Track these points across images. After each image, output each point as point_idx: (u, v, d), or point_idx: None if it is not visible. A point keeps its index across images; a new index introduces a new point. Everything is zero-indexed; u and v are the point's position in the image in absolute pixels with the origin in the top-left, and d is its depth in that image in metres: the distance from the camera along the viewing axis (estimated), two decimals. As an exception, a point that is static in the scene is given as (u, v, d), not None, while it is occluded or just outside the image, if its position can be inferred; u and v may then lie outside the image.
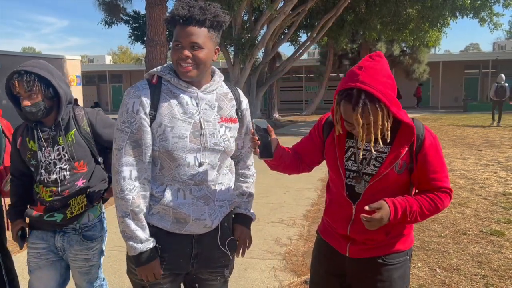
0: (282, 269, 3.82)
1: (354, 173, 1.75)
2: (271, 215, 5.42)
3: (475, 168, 8.06)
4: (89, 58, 40.27)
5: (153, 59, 10.64)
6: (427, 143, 1.68)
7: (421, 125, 1.72)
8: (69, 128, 2.24)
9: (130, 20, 19.97)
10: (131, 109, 1.70)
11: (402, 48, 26.57)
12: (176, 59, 1.70)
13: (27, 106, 2.11)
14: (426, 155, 1.67)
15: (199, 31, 1.67)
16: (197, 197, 1.77)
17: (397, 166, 1.67)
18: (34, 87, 2.09)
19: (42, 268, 2.29)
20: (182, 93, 1.75)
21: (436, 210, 1.69)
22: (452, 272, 3.63)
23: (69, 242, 2.27)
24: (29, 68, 2.10)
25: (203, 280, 1.90)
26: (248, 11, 18.06)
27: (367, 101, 1.55)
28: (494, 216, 5.12)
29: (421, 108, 28.73)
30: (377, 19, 18.50)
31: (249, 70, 16.46)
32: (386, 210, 1.60)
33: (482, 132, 14.00)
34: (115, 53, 67.07)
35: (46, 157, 2.20)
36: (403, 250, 1.79)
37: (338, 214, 1.82)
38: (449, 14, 17.97)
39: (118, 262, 4.02)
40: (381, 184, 1.69)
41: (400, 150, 1.67)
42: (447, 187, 1.71)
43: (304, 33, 21.93)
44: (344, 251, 1.83)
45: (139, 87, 1.74)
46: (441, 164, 1.71)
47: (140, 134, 1.70)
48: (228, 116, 1.84)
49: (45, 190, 2.21)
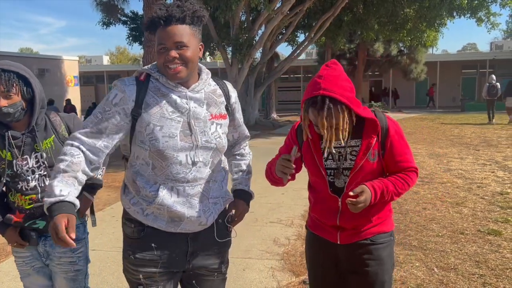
0: (280, 269, 3.82)
1: (334, 170, 1.92)
2: (269, 215, 5.43)
3: (472, 168, 8.08)
4: (87, 58, 40.15)
5: (150, 59, 10.62)
6: (391, 131, 1.89)
7: (383, 116, 1.92)
8: (47, 134, 2.12)
9: (128, 20, 19.97)
10: (111, 100, 1.71)
11: (400, 48, 26.60)
12: (163, 62, 1.68)
13: (4, 107, 1.96)
14: (392, 141, 1.89)
15: (181, 29, 1.67)
16: (191, 195, 1.77)
17: (370, 155, 1.87)
18: (13, 86, 1.96)
19: (31, 275, 2.24)
20: (171, 92, 1.75)
21: (407, 187, 1.91)
22: (449, 272, 3.64)
23: (51, 245, 2.17)
24: (7, 66, 1.97)
25: (201, 276, 1.90)
26: (246, 11, 18.06)
27: (331, 105, 1.73)
28: (491, 216, 5.14)
29: (419, 108, 28.78)
30: (375, 19, 18.53)
31: (247, 70, 16.46)
32: (368, 193, 1.80)
33: (480, 131, 14.03)
34: (113, 53, 66.99)
35: (23, 166, 2.06)
36: (387, 231, 1.99)
37: (326, 210, 1.97)
38: (446, 14, 18.02)
39: (116, 263, 4.02)
40: (359, 175, 1.88)
41: (370, 141, 1.86)
42: (413, 166, 1.94)
43: (302, 33, 21.95)
44: (335, 239, 1.98)
45: (126, 82, 1.74)
46: (406, 147, 1.93)
47: (107, 124, 1.70)
48: (218, 113, 1.84)
49: (23, 198, 2.10)
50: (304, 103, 1.80)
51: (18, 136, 2.06)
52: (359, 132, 1.88)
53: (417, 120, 19.40)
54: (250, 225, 4.99)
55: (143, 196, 1.77)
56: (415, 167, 1.94)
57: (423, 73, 27.36)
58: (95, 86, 36.11)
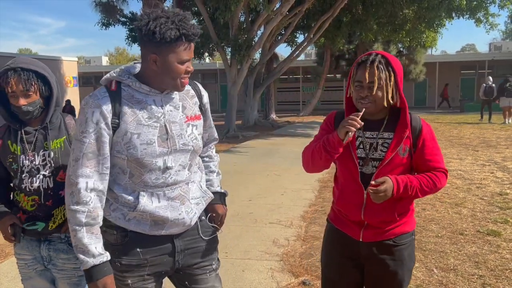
0: (279, 270, 3.81)
1: (363, 160, 1.96)
2: (268, 216, 5.42)
3: (471, 169, 8.09)
4: (86, 59, 40.16)
5: (150, 60, 10.63)
6: (424, 130, 1.94)
7: (418, 117, 1.98)
8: (59, 134, 2.14)
9: (127, 21, 19.94)
10: (90, 119, 1.65)
11: (399, 48, 26.63)
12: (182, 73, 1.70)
13: (24, 106, 1.99)
14: (424, 140, 1.93)
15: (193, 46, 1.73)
16: (171, 198, 1.77)
17: (401, 149, 1.91)
18: (32, 85, 1.99)
19: (33, 278, 2.22)
20: (145, 97, 1.73)
21: (434, 187, 1.92)
22: (449, 272, 3.64)
23: (55, 251, 2.17)
24: (25, 65, 1.99)
25: (193, 275, 1.90)
26: (245, 12, 18.05)
27: (382, 60, 1.85)
28: (491, 216, 5.14)
29: (418, 108, 28.79)
30: (374, 20, 18.52)
31: (246, 71, 16.44)
32: (390, 184, 1.82)
33: (479, 132, 14.04)
34: (112, 54, 66.96)
35: (30, 162, 2.08)
36: (409, 231, 2.02)
37: (351, 202, 1.99)
38: (445, 15, 18.03)
39: (116, 264, 4.01)
40: (388, 167, 1.91)
41: (402, 135, 1.90)
42: (442, 167, 1.95)
43: (301, 34, 21.95)
44: (357, 236, 2.00)
45: (98, 95, 1.69)
46: (436, 148, 1.97)
47: (98, 145, 1.66)
48: (193, 114, 1.84)
49: (26, 199, 2.10)
50: (355, 65, 1.90)
51: (31, 132, 2.09)
52: (393, 125, 1.94)
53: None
54: (249, 226, 4.99)
55: (122, 203, 1.75)
56: (444, 169, 1.96)
57: (422, 73, 27.38)
58: (94, 87, 36.07)
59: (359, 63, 1.91)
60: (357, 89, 1.89)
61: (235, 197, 5.85)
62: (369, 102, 1.87)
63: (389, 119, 1.96)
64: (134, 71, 1.78)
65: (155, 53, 1.65)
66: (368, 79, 1.84)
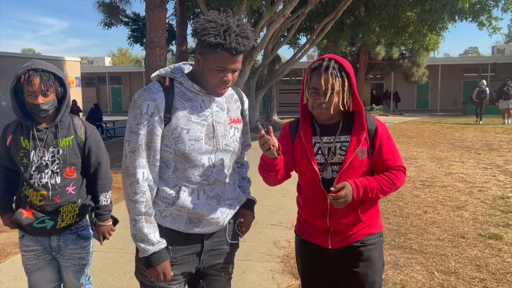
0: (280, 272, 3.81)
1: (322, 165, 1.95)
2: (269, 217, 5.42)
3: (473, 172, 8.07)
4: (89, 59, 40.25)
5: (152, 61, 10.62)
6: (379, 130, 1.96)
7: (372, 117, 1.99)
8: (68, 133, 2.28)
9: (130, 22, 19.99)
10: (145, 111, 1.70)
11: (402, 51, 26.63)
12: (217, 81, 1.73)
13: (42, 104, 2.15)
14: (381, 140, 1.94)
15: (241, 57, 1.76)
16: (210, 197, 1.82)
17: (359, 151, 1.91)
18: (51, 86, 2.16)
19: (42, 268, 2.34)
20: (195, 96, 1.79)
21: (393, 186, 1.92)
22: (450, 276, 3.63)
23: (65, 242, 2.32)
24: (45, 67, 2.16)
25: (209, 275, 1.94)
26: (248, 14, 18.08)
27: (336, 66, 1.86)
28: (492, 220, 5.13)
29: (420, 111, 28.76)
30: (377, 22, 18.52)
31: (249, 73, 16.46)
32: (349, 189, 1.82)
33: (481, 135, 14.01)
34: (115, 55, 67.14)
35: (40, 157, 2.21)
36: (376, 232, 2.02)
37: (315, 209, 1.98)
38: (448, 18, 18.02)
39: (116, 264, 4.02)
40: (348, 170, 1.91)
41: (359, 137, 1.91)
42: (400, 165, 1.96)
43: (303, 35, 21.95)
44: (326, 244, 1.99)
45: (153, 89, 1.74)
46: (393, 146, 1.98)
47: (151, 137, 1.71)
48: (236, 117, 1.91)
49: (35, 194, 2.22)
50: (310, 69, 1.91)
51: (42, 129, 2.23)
52: (349, 128, 1.95)
53: (418, 124, 19.38)
54: (250, 227, 4.98)
55: (161, 197, 1.79)
56: (402, 166, 1.97)
57: (424, 76, 27.36)
58: (97, 88, 36.16)
59: (312, 69, 1.91)
60: (313, 96, 1.89)
61: (236, 199, 5.87)
62: (324, 109, 1.88)
63: (344, 122, 1.96)
64: (185, 70, 1.84)
65: (200, 54, 1.72)
66: (324, 86, 1.84)
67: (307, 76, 1.92)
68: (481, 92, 18.24)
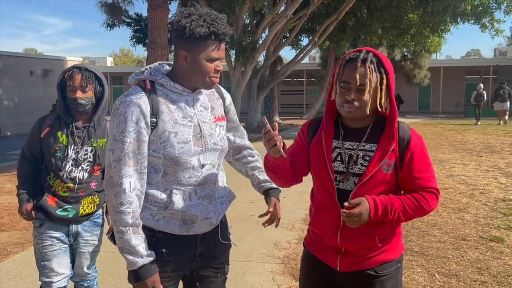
0: (280, 273, 3.80)
1: (341, 174, 1.72)
2: (270, 218, 5.41)
3: (475, 174, 8.05)
4: (91, 59, 40.29)
5: (154, 61, 10.59)
6: (413, 142, 1.68)
7: (406, 126, 1.73)
8: (103, 135, 2.48)
9: (132, 22, 20.02)
10: (130, 118, 1.64)
11: (403, 53, 26.61)
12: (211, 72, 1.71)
13: (79, 98, 2.33)
14: (413, 154, 1.68)
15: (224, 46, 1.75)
16: (202, 197, 1.80)
17: (385, 164, 1.66)
18: (89, 83, 2.35)
19: (58, 256, 2.46)
20: (178, 97, 1.75)
21: (420, 210, 1.67)
22: (451, 278, 3.62)
23: (83, 227, 2.52)
24: (88, 67, 2.38)
25: (204, 277, 1.92)
26: (250, 15, 18.09)
27: (374, 60, 1.62)
28: (494, 222, 5.11)
29: (422, 113, 28.73)
30: (379, 23, 18.53)
31: (250, 74, 16.47)
32: (366, 206, 1.59)
33: (483, 138, 13.99)
34: (117, 55, 67.16)
35: (75, 153, 2.38)
36: (394, 259, 1.77)
37: (326, 222, 1.76)
38: (450, 20, 18.02)
39: (117, 264, 4.01)
40: (369, 184, 1.67)
41: (387, 148, 1.66)
42: (433, 186, 1.69)
43: (305, 37, 21.95)
44: (334, 264, 1.77)
45: (135, 94, 1.68)
46: (427, 164, 1.70)
47: (138, 144, 1.66)
48: (220, 115, 1.89)
49: (62, 185, 2.39)
50: (343, 60, 1.66)
51: (80, 128, 2.42)
52: (377, 135, 1.69)
53: (420, 126, 19.36)
54: (251, 228, 4.98)
55: (152, 202, 1.75)
56: (435, 188, 1.69)
57: (426, 78, 27.34)
58: (99, 87, 36.18)
59: (347, 60, 1.65)
60: (343, 91, 1.65)
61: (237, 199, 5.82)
62: (355, 107, 1.63)
63: (373, 128, 1.71)
64: (163, 70, 1.80)
65: (185, 50, 1.68)
66: (358, 80, 1.59)
67: (339, 68, 1.66)
68: (479, 95, 19.53)
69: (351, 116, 1.66)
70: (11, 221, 5.49)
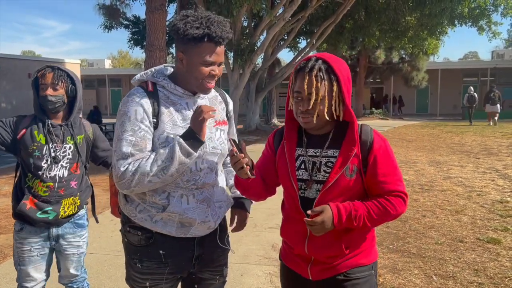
0: (278, 275, 3.80)
1: (305, 182, 1.69)
2: (268, 220, 5.42)
3: (472, 176, 8.07)
4: (89, 62, 40.30)
5: (152, 63, 10.64)
6: (376, 145, 1.64)
7: (369, 129, 1.68)
8: (79, 132, 2.50)
9: (130, 24, 20.04)
10: (134, 118, 1.66)
11: (401, 55, 26.69)
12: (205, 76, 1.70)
13: (49, 95, 2.32)
14: (376, 157, 1.63)
15: (224, 49, 1.73)
16: (199, 201, 1.79)
17: (348, 170, 1.62)
18: (61, 81, 2.35)
19: (35, 262, 2.45)
20: (179, 99, 1.76)
21: (386, 215, 1.62)
22: (448, 280, 3.63)
23: (64, 230, 2.48)
24: (61, 67, 2.40)
25: (203, 279, 1.92)
26: (248, 17, 18.12)
27: (323, 67, 1.58)
28: (491, 224, 5.12)
29: (420, 115, 28.79)
30: (376, 26, 18.58)
31: (248, 76, 16.48)
32: (329, 213, 1.56)
33: (480, 140, 14.02)
34: (115, 57, 67.21)
35: (53, 152, 2.37)
36: (366, 264, 1.72)
37: (294, 231, 1.74)
38: (447, 22, 18.09)
39: (114, 266, 4.01)
40: (333, 191, 1.63)
41: (349, 153, 1.62)
42: (399, 190, 1.64)
43: (303, 39, 22.00)
44: (306, 274, 1.75)
45: (137, 94, 1.71)
46: (392, 167, 1.65)
47: (144, 143, 1.67)
48: (221, 119, 1.89)
49: (41, 185, 2.36)
50: (294, 72, 1.64)
51: (56, 126, 2.41)
52: (339, 141, 1.66)
53: (418, 128, 19.39)
54: (248, 231, 4.98)
55: (151, 203, 1.76)
56: (402, 192, 1.64)
57: (424, 80, 27.41)
58: (97, 90, 36.17)
59: (297, 70, 1.63)
60: (296, 101, 1.63)
61: (235, 201, 5.86)
62: (310, 116, 1.60)
63: (335, 133, 1.68)
64: (167, 73, 1.80)
65: (182, 52, 1.69)
66: (306, 90, 1.57)
67: (292, 78, 1.65)
68: (471, 97, 20.71)
69: (307, 126, 1.64)
70: (8, 223, 5.48)
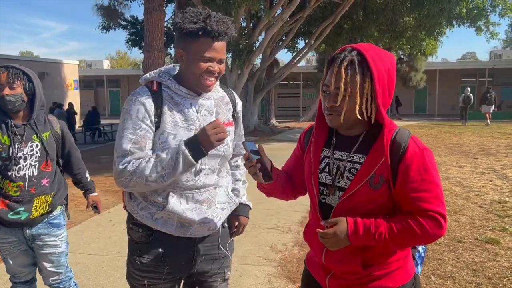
0: (277, 276, 3.80)
1: (327, 187, 1.51)
2: (266, 221, 5.41)
3: (471, 176, 8.08)
4: (87, 62, 40.26)
5: (150, 64, 10.63)
6: (409, 153, 1.38)
7: (406, 133, 1.44)
8: (45, 129, 2.45)
9: (128, 25, 20.03)
10: (136, 116, 1.67)
11: (400, 56, 26.71)
12: (203, 71, 1.68)
13: (7, 95, 2.28)
14: (408, 167, 1.37)
15: (224, 46, 1.71)
16: (199, 201, 1.78)
17: (372, 180, 1.39)
18: (17, 80, 2.30)
19: (17, 257, 2.51)
20: (183, 100, 1.76)
21: (413, 237, 1.36)
22: (447, 280, 3.63)
23: (37, 231, 2.47)
24: (16, 65, 2.35)
25: (204, 282, 1.91)
26: (246, 18, 18.12)
27: (356, 59, 1.37)
28: (489, 224, 5.13)
29: (418, 115, 28.83)
30: (374, 27, 18.61)
31: (247, 76, 16.50)
32: (343, 227, 1.38)
33: (479, 140, 14.04)
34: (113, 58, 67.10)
35: (19, 151, 2.34)
36: (394, 287, 1.47)
37: (315, 238, 1.53)
38: (445, 23, 18.13)
39: (112, 267, 4.00)
40: (354, 201, 1.43)
41: (375, 161, 1.39)
42: (434, 210, 1.36)
43: (301, 40, 22.02)
44: (324, 285, 1.58)
45: (141, 94, 1.71)
46: (429, 182, 1.37)
47: (144, 142, 1.68)
48: (226, 120, 1.87)
49: (11, 185, 2.34)
50: (327, 63, 1.46)
51: (19, 126, 2.38)
52: (368, 146, 1.44)
53: (416, 128, 19.41)
54: (247, 231, 4.95)
55: (151, 202, 1.76)
56: (437, 212, 1.36)
57: (422, 81, 27.44)
58: (95, 90, 36.11)
59: (329, 61, 1.45)
60: (324, 96, 1.45)
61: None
62: (336, 114, 1.42)
63: (367, 136, 1.46)
64: (174, 72, 1.80)
65: (182, 49, 1.68)
66: (334, 84, 1.39)
67: (325, 69, 1.48)
68: (466, 98, 20.77)
69: (333, 124, 1.46)
70: (6, 224, 5.46)
